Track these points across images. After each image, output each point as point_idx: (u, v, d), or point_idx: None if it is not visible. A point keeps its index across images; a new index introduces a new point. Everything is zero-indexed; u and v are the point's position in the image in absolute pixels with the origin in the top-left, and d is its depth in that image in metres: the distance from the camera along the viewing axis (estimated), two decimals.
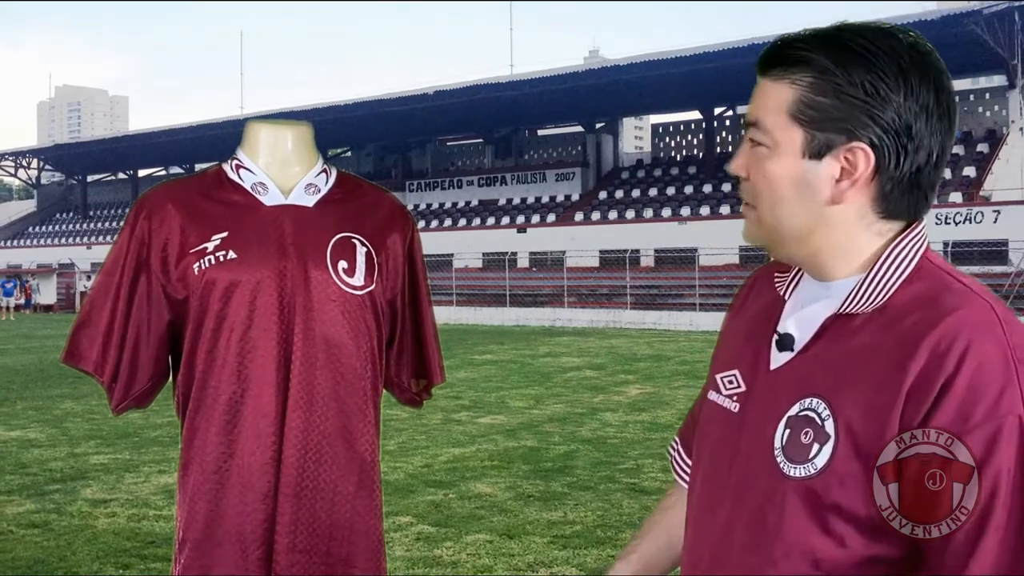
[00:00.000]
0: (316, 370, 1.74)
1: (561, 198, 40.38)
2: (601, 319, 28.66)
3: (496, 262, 34.87)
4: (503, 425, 9.16)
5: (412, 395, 2.04)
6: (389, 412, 2.67)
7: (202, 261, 1.76)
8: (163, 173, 53.55)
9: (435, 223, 41.38)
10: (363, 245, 1.84)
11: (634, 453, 7.65)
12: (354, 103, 41.29)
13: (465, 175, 44.44)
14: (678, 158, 41.71)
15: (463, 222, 40.92)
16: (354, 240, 1.84)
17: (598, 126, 41.63)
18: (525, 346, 19.69)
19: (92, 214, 55.98)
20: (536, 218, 39.03)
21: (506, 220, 39.51)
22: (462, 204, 42.91)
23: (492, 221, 39.85)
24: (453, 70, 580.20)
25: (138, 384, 1.82)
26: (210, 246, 1.77)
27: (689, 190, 37.02)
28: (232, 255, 1.76)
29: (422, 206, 43.18)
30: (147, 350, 1.81)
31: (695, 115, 40.70)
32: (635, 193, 38.43)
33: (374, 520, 1.83)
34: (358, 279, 1.81)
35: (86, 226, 54.10)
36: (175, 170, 51.47)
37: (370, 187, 1.99)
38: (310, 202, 1.86)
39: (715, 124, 39.32)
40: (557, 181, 41.12)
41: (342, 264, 1.80)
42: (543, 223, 38.28)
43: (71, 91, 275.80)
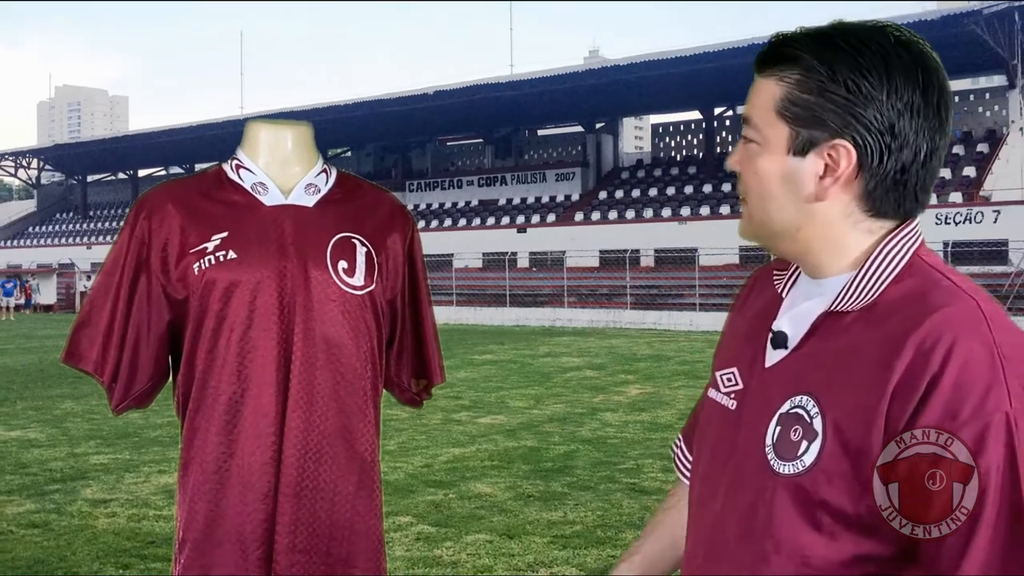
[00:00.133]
0: (316, 370, 1.74)
1: (561, 198, 40.38)
2: (601, 319, 28.66)
3: (496, 262, 34.87)
4: (503, 425, 9.16)
5: (412, 395, 2.04)
6: (389, 412, 2.67)
7: (202, 261, 1.76)
8: (163, 173, 53.55)
9: (435, 223, 41.38)
10: (363, 245, 1.84)
11: (634, 453, 7.65)
12: (354, 103, 41.28)
13: (465, 175, 44.43)
14: (678, 158, 41.70)
15: (463, 222, 40.92)
16: (354, 240, 1.84)
17: (598, 126, 41.62)
18: (525, 346, 19.69)
19: (92, 214, 55.99)
20: (536, 218, 39.02)
21: (506, 220, 39.51)
22: (462, 204, 42.90)
23: (492, 221, 39.85)
24: (453, 70, 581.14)
25: (138, 384, 1.82)
26: (210, 246, 1.77)
27: (689, 190, 37.01)
28: (232, 255, 1.76)
29: (422, 206, 43.18)
30: (147, 350, 1.81)
31: (695, 115, 40.70)
32: (635, 193, 38.43)
33: (374, 520, 1.83)
34: (358, 279, 1.81)
35: (86, 226, 54.10)
36: (175, 170, 51.46)
37: (370, 187, 1.99)
38: (310, 202, 1.86)
39: (715, 124, 39.30)
40: (557, 181, 41.11)
41: (342, 264, 1.80)
42: (543, 223, 38.28)
43: (71, 91, 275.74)
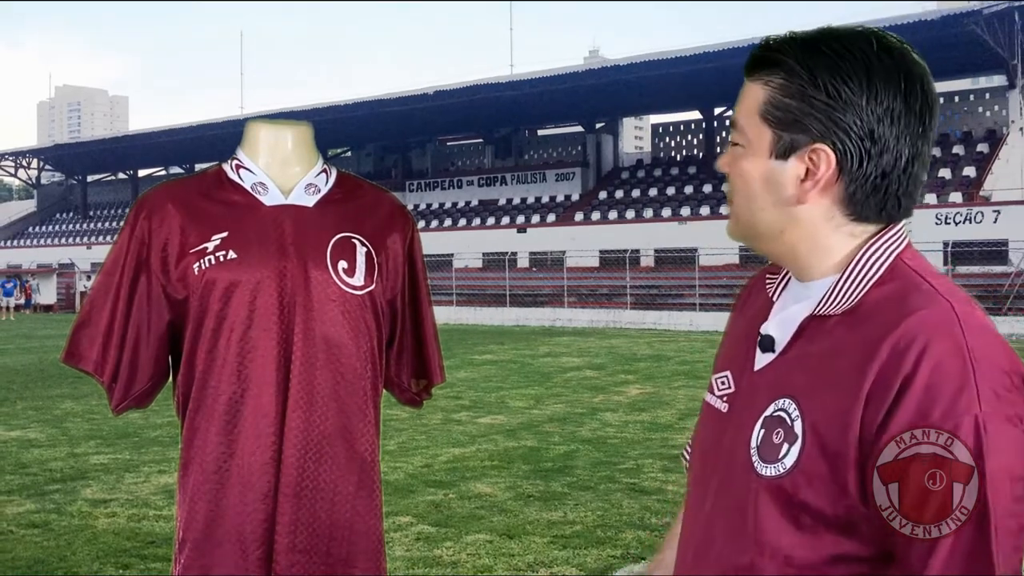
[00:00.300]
0: (316, 370, 1.74)
1: (561, 198, 40.37)
2: (601, 319, 28.65)
3: (496, 262, 34.87)
4: (503, 425, 9.16)
5: (412, 395, 2.04)
6: (389, 412, 2.67)
7: (202, 261, 1.76)
8: (163, 173, 53.56)
9: (435, 223, 41.37)
10: (363, 245, 1.84)
11: (634, 453, 7.65)
12: (354, 103, 41.27)
13: (465, 175, 44.43)
14: (678, 158, 41.70)
15: (463, 222, 40.91)
16: (354, 240, 1.84)
17: (598, 126, 41.62)
18: (525, 346, 19.68)
19: (92, 214, 55.98)
20: (536, 218, 39.02)
21: (506, 220, 39.51)
22: (462, 204, 42.90)
23: (492, 221, 39.85)
24: (453, 70, 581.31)
25: (138, 384, 1.82)
26: (210, 246, 1.77)
27: (689, 190, 37.01)
28: (232, 255, 1.76)
29: (422, 206, 43.17)
30: (147, 350, 1.81)
31: (695, 115, 40.71)
32: (635, 193, 38.42)
33: (374, 520, 1.83)
34: (358, 279, 1.81)
35: (86, 226, 54.10)
36: (175, 170, 51.47)
37: (370, 187, 1.99)
38: (310, 202, 1.86)
39: (715, 124, 39.32)
40: (557, 181, 41.11)
41: (342, 264, 1.80)
42: (543, 223, 38.27)
43: (71, 91, 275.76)
